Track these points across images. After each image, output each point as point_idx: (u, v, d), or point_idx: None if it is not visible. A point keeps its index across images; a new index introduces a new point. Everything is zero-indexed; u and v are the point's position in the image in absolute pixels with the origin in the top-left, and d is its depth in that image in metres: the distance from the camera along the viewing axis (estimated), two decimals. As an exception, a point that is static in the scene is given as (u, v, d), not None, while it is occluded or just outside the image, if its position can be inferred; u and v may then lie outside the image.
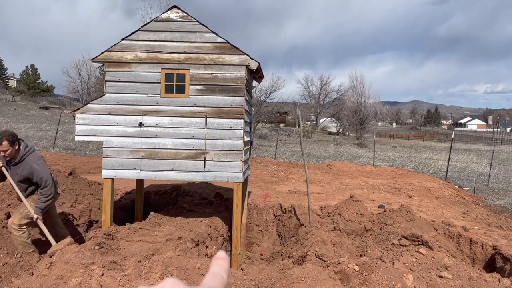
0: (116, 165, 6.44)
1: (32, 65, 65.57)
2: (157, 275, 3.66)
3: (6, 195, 7.83)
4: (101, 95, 6.53)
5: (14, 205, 7.47)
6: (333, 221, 7.31)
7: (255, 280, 3.67)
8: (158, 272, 3.70)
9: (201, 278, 3.72)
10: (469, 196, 13.37)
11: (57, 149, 19.25)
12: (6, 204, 7.40)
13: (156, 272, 3.70)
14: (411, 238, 5.08)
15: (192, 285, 3.59)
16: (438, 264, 4.55)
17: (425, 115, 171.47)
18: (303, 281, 3.68)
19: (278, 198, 10.00)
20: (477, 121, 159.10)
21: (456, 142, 68.60)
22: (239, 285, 3.61)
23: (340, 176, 14.64)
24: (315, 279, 3.73)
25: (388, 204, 9.69)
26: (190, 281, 3.56)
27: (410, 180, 14.32)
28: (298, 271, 3.82)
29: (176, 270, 3.67)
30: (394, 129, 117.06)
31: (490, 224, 8.86)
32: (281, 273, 3.79)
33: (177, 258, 3.93)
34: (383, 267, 4.33)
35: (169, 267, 3.72)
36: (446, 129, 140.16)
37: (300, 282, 3.65)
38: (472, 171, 22.83)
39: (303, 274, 3.78)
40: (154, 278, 3.63)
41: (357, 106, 49.40)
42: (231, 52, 6.33)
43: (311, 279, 3.71)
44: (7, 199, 7.60)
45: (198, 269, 3.73)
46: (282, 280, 3.67)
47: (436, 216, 8.93)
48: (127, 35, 6.41)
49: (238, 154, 6.39)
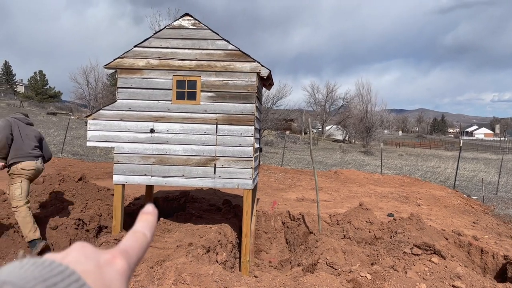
0: (127, 171, 6.47)
1: (40, 71, 66.23)
2: (170, 281, 3.66)
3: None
4: (113, 101, 6.58)
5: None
6: (342, 229, 7.28)
7: (269, 287, 3.66)
8: (171, 278, 3.70)
9: (214, 284, 3.72)
10: (478, 205, 13.26)
11: (65, 155, 19.35)
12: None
13: (169, 278, 3.70)
14: (423, 247, 5.05)
15: None
16: (451, 274, 4.51)
17: (432, 123, 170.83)
18: (317, 289, 3.68)
19: (286, 206, 9.98)
20: (484, 130, 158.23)
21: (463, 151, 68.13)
22: (252, 292, 3.61)
23: (347, 183, 14.59)
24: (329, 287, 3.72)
25: (397, 212, 9.63)
26: (203, 287, 3.57)
27: (418, 189, 14.24)
28: (311, 279, 3.81)
29: (189, 276, 3.67)
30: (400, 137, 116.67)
31: (501, 234, 8.78)
32: (294, 281, 3.79)
33: (190, 264, 3.93)
34: (395, 276, 4.31)
35: (182, 273, 3.72)
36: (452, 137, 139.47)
37: (314, 290, 3.64)
38: (480, 180, 22.66)
39: (317, 282, 3.77)
40: (168, 284, 3.64)
41: (363, 114, 49.30)
42: (242, 59, 6.37)
43: (325, 287, 3.70)
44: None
45: (211, 275, 3.73)
46: (296, 288, 3.67)
47: (445, 225, 8.86)
48: (139, 42, 6.47)
49: (248, 161, 6.40)
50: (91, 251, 0.48)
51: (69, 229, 6.79)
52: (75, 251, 0.47)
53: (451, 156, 48.47)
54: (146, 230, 0.55)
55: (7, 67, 78.20)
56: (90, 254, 0.47)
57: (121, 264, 0.48)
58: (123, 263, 0.48)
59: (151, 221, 0.56)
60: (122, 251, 0.50)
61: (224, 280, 3.71)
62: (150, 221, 0.56)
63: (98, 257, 0.47)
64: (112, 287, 0.45)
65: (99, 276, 0.45)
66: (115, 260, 0.48)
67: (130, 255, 0.50)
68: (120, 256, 0.49)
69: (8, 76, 77.95)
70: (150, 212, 0.57)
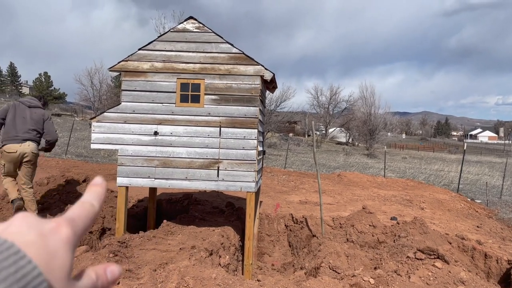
0: (131, 173, 6.49)
1: (45, 72, 66.60)
2: (173, 284, 3.67)
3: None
4: (117, 104, 6.61)
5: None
6: (345, 233, 7.27)
7: (272, 291, 3.67)
8: (174, 281, 3.71)
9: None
10: (481, 209, 13.20)
11: (69, 156, 19.42)
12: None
13: (172, 281, 3.71)
14: (427, 252, 5.04)
15: None
16: (454, 279, 4.50)
17: (435, 126, 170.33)
18: (320, 293, 3.68)
19: (289, 208, 9.98)
20: (488, 133, 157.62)
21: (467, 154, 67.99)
22: (255, 296, 3.62)
23: (351, 186, 14.56)
24: (332, 292, 3.72)
25: (401, 216, 9.61)
26: (206, 291, 3.57)
27: (422, 192, 14.20)
28: (314, 283, 3.80)
29: (192, 279, 3.68)
30: (403, 140, 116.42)
31: (505, 238, 8.74)
32: (297, 285, 3.79)
33: (193, 267, 3.94)
34: (398, 280, 4.30)
35: (185, 277, 3.72)
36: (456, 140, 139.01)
37: (317, 295, 3.64)
38: (483, 183, 22.57)
39: (319, 287, 3.76)
40: (170, 287, 3.65)
41: (366, 117, 49.23)
42: (246, 63, 6.38)
43: (328, 292, 3.70)
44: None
45: (214, 279, 3.73)
46: (299, 292, 3.67)
47: (449, 229, 8.83)
48: (144, 45, 6.50)
49: (252, 164, 6.41)
50: (34, 220, 0.46)
51: (73, 231, 6.81)
52: (17, 222, 0.45)
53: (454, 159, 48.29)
54: (94, 200, 0.54)
55: (12, 68, 78.66)
56: (33, 224, 0.46)
57: (66, 232, 0.47)
58: (68, 231, 0.47)
59: (100, 192, 0.56)
60: (68, 220, 0.49)
61: (227, 284, 3.71)
62: (98, 192, 0.56)
63: (42, 226, 0.46)
64: (56, 256, 0.44)
65: (42, 245, 0.43)
66: (59, 228, 0.47)
67: (76, 224, 0.49)
68: (65, 224, 0.48)
69: (13, 78, 78.38)
70: (99, 184, 0.57)
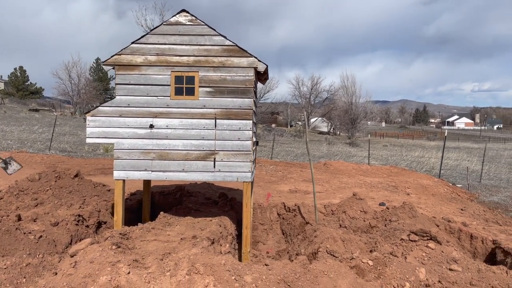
0: (127, 166, 6.54)
1: (21, 67, 64.95)
2: (184, 272, 3.79)
3: (13, 198, 7.88)
4: (111, 98, 6.63)
5: (22, 207, 7.54)
6: (338, 219, 7.49)
7: (280, 274, 3.82)
8: (184, 268, 3.82)
9: (227, 273, 3.86)
10: (463, 193, 13.67)
11: (53, 151, 19.18)
12: (15, 206, 7.46)
13: (183, 269, 3.82)
14: (420, 234, 5.28)
15: (219, 281, 3.73)
16: (447, 258, 4.75)
17: (414, 114, 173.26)
18: (326, 275, 3.85)
19: (280, 197, 10.17)
20: (465, 119, 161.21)
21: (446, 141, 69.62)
22: (264, 279, 3.76)
23: (337, 175, 14.86)
24: (337, 273, 3.90)
25: (388, 201, 9.91)
26: (217, 277, 3.70)
27: (406, 178, 14.59)
28: (320, 266, 3.98)
29: (202, 266, 3.80)
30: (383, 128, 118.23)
31: (488, 220, 9.13)
32: (304, 268, 3.95)
33: (201, 255, 4.07)
34: (396, 261, 4.52)
35: (195, 264, 3.84)
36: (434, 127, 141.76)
37: (323, 276, 3.82)
38: (463, 168, 23.26)
39: (325, 269, 3.95)
40: (181, 275, 3.76)
41: (348, 106, 49.81)
42: (240, 55, 6.48)
43: (333, 273, 3.88)
44: (14, 201, 7.66)
45: (224, 265, 3.86)
46: (306, 275, 3.83)
47: (435, 212, 9.17)
48: (137, 39, 6.52)
49: (247, 154, 6.54)
50: None
51: (70, 225, 6.84)
52: None
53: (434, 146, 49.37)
54: None
55: (-15, 63, 76.40)
56: None
57: None
58: None
59: None
60: None
61: (237, 269, 3.86)
62: None
63: None
64: None
65: None
66: None
67: None
68: None
69: (-14, 73, 76.13)
70: None
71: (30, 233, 6.29)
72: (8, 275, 4.27)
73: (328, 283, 3.75)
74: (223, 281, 3.67)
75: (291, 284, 3.69)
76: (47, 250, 6.05)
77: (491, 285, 4.16)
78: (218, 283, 3.64)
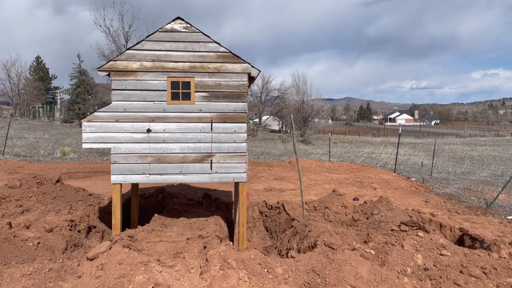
0: (125, 170, 6.64)
1: (-48, 66, 60.32)
2: (217, 267, 4.06)
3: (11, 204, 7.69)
4: (108, 103, 6.69)
5: (8, 214, 7.37)
6: (323, 214, 7.99)
7: (308, 265, 4.20)
8: (217, 264, 4.09)
9: (259, 267, 4.19)
10: (419, 186, 14.75)
11: (8, 156, 18.33)
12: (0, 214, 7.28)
13: (215, 265, 4.09)
14: (410, 224, 5.86)
15: (253, 273, 4.04)
16: (436, 245, 5.35)
17: (358, 111, 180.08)
18: (348, 263, 4.27)
19: (259, 196, 10.55)
20: (405, 116, 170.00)
21: (389, 136, 73.25)
22: (294, 270, 4.12)
23: (304, 172, 15.46)
24: (357, 262, 4.34)
25: (360, 196, 10.59)
26: (250, 270, 4.00)
27: (368, 174, 15.48)
28: (341, 256, 4.40)
29: (234, 261, 4.09)
30: (330, 125, 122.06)
31: (450, 210, 10.04)
32: (327, 258, 4.35)
33: (230, 251, 4.35)
34: (395, 250, 5.05)
35: (227, 259, 4.12)
36: (377, 124, 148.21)
37: (346, 265, 4.24)
38: (413, 163, 24.84)
39: (345, 258, 4.37)
40: (215, 270, 4.03)
41: (300, 104, 51.07)
42: (234, 61, 6.78)
43: (354, 262, 4.31)
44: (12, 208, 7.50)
45: (253, 259, 4.18)
46: (331, 264, 4.24)
47: (404, 205, 9.95)
48: (132, 45, 6.64)
49: (243, 156, 6.86)
50: None
51: (64, 230, 6.82)
52: None
53: (380, 142, 51.87)
54: None
55: None
56: None
57: None
58: None
59: None
60: None
61: (267, 262, 4.18)
62: None
63: None
64: None
65: None
66: None
67: None
68: None
69: None
70: None
71: (27, 240, 6.25)
72: (34, 281, 4.32)
73: (351, 270, 4.18)
74: (256, 273, 3.98)
75: (320, 272, 4.09)
76: (46, 256, 6.04)
77: (479, 266, 4.79)
78: (252, 276, 3.95)
